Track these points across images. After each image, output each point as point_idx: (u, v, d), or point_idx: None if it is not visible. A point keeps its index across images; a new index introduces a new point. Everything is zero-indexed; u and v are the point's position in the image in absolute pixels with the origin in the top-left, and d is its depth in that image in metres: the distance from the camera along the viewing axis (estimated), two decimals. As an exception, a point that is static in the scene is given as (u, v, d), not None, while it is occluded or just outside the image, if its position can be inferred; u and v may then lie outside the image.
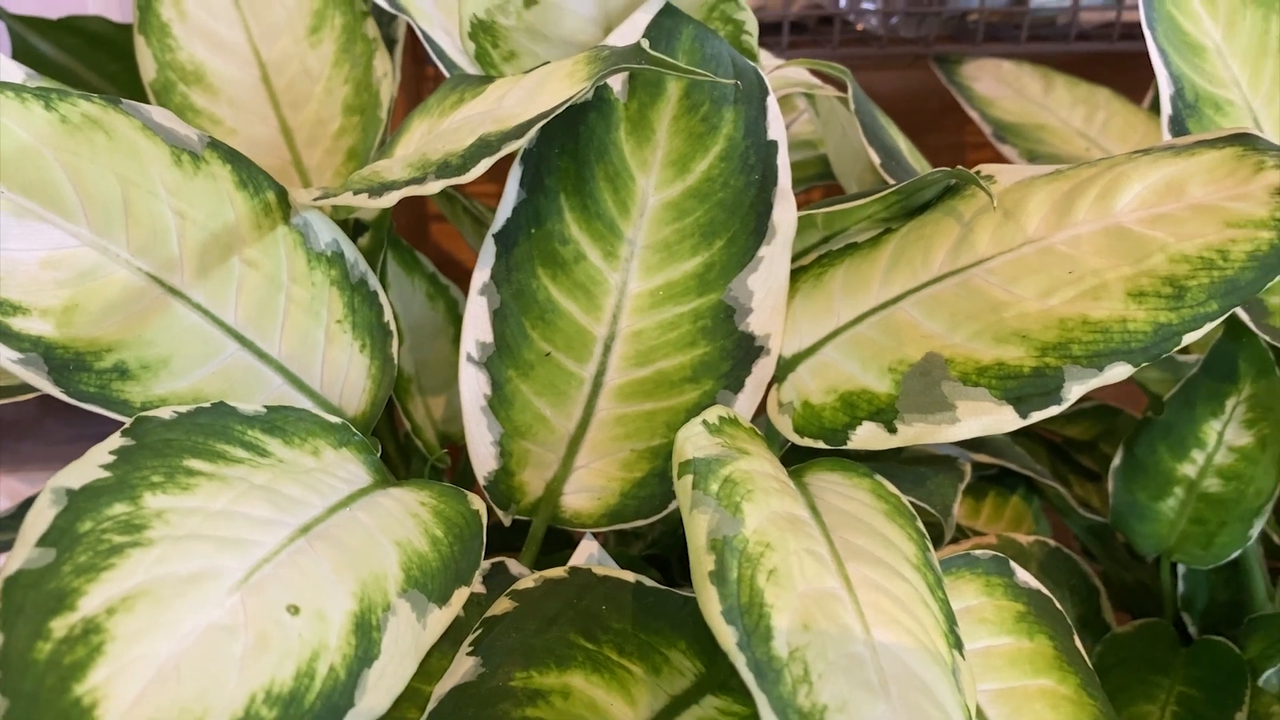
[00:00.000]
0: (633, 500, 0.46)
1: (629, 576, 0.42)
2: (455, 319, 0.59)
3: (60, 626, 0.26)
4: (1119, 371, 0.37)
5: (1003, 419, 0.38)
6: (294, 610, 0.30)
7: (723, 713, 0.39)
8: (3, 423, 1.06)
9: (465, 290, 0.58)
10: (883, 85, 0.88)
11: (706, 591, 0.32)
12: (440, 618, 0.35)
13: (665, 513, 0.46)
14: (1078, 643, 0.42)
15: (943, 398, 0.39)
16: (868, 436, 0.40)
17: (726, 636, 0.31)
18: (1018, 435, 0.66)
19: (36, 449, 0.97)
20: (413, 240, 0.74)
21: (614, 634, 0.39)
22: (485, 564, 0.44)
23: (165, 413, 0.34)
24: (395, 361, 0.45)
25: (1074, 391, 0.37)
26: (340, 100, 0.53)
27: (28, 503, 0.59)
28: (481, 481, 0.45)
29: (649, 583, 0.42)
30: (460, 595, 0.36)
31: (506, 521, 0.46)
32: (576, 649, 0.37)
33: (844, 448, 0.41)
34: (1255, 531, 0.55)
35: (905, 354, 0.41)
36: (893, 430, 0.40)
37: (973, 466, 0.61)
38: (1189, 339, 0.37)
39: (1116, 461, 0.57)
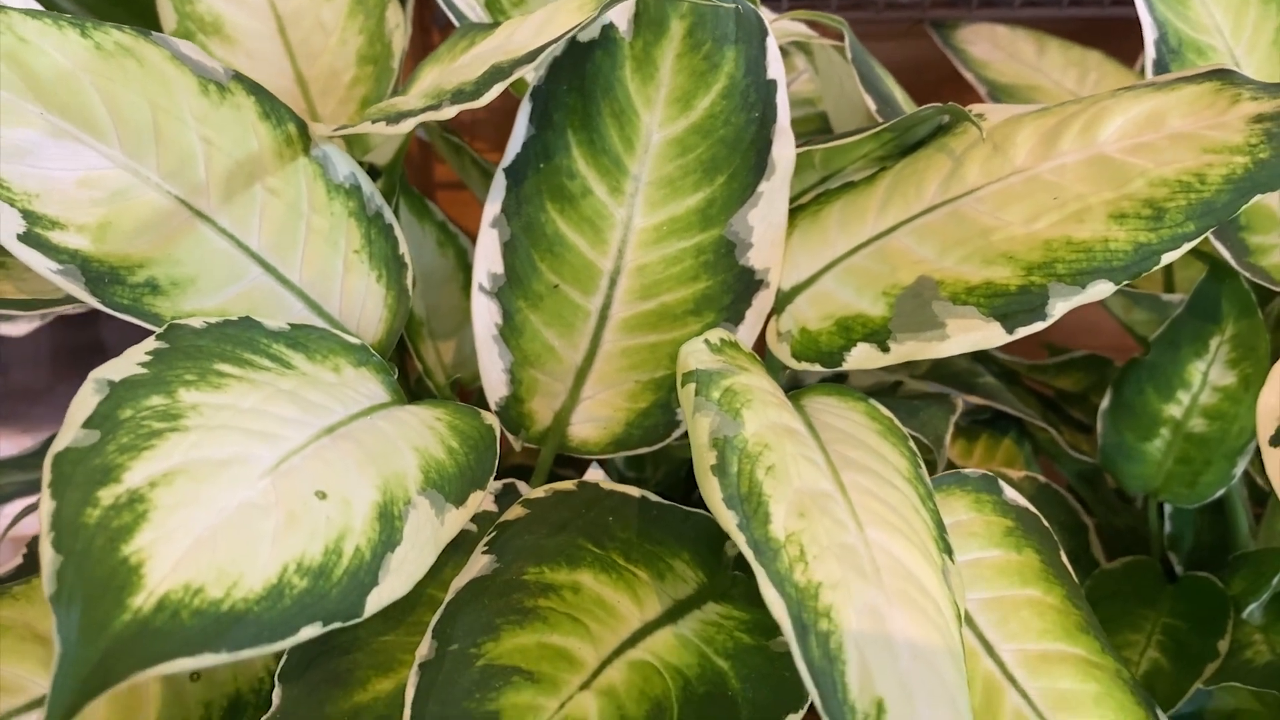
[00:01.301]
0: (637, 430, 0.48)
1: (634, 491, 0.43)
2: (465, 267, 0.61)
3: (107, 496, 0.28)
4: (1101, 289, 0.39)
5: (990, 334, 0.39)
6: (321, 495, 0.32)
7: (724, 617, 0.41)
8: (15, 388, 1.08)
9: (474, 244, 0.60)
10: (880, 56, 0.90)
11: (709, 482, 0.34)
12: (457, 517, 0.37)
13: (668, 441, 0.48)
14: (1064, 558, 0.44)
15: (933, 316, 0.41)
16: (862, 356, 0.42)
17: (728, 520, 0.32)
18: (1010, 387, 0.68)
19: (48, 413, 0.99)
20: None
21: (620, 542, 0.41)
22: (496, 484, 0.46)
23: (196, 322, 0.36)
24: (410, 293, 0.47)
25: (1058, 308, 0.39)
26: (354, 51, 0.55)
27: (48, 440, 0.61)
28: (493, 407, 0.47)
29: (654, 498, 0.44)
30: (475, 498, 0.38)
31: (517, 447, 0.48)
32: (585, 551, 0.39)
33: (839, 369, 0.43)
34: (1239, 470, 0.57)
35: (898, 279, 0.42)
36: (885, 349, 0.42)
37: (966, 412, 0.63)
38: (1168, 258, 0.39)
39: (1105, 403, 0.59)
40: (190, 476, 0.30)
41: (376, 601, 0.32)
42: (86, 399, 0.31)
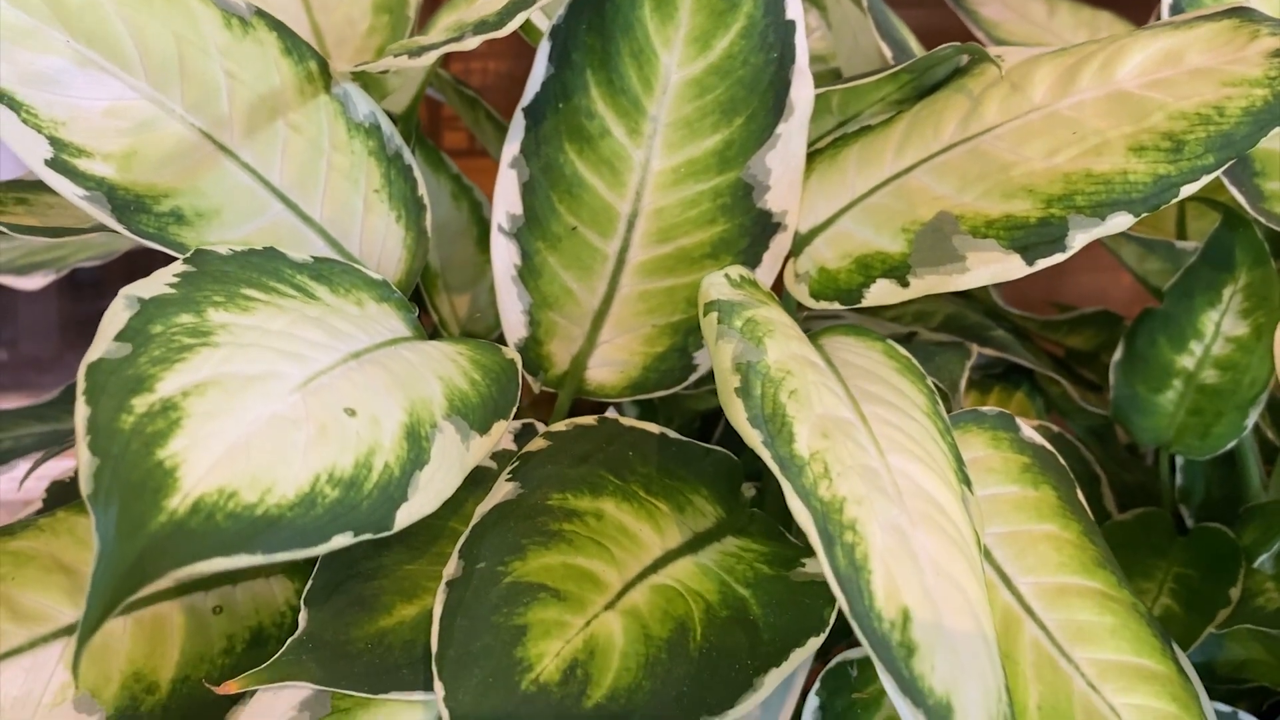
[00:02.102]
0: (654, 373, 0.49)
1: (654, 428, 0.44)
2: (479, 220, 0.61)
3: (141, 404, 0.29)
4: (1120, 221, 0.39)
5: (1010, 266, 0.40)
6: (351, 412, 0.32)
7: (743, 550, 0.41)
8: (25, 358, 1.08)
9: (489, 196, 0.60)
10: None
11: (734, 404, 0.34)
12: (481, 444, 0.37)
13: (685, 384, 0.49)
14: (1080, 496, 0.45)
15: (953, 250, 0.41)
16: (881, 293, 0.43)
17: (754, 437, 0.33)
18: (1022, 344, 0.68)
19: (57, 381, 0.99)
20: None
21: (641, 476, 0.41)
22: (515, 424, 0.46)
23: (222, 249, 0.37)
24: (428, 235, 0.47)
25: (1078, 240, 0.39)
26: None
27: (70, 388, 0.62)
28: (512, 349, 0.48)
29: (673, 434, 0.44)
30: (499, 427, 0.39)
31: (535, 389, 0.49)
32: (607, 481, 0.39)
33: (858, 306, 0.43)
34: (1250, 421, 0.57)
35: (917, 215, 0.43)
36: (905, 284, 0.42)
37: (979, 366, 0.63)
38: (1187, 190, 0.39)
39: (1117, 355, 0.59)
40: (222, 388, 0.30)
41: (406, 516, 0.32)
42: (118, 314, 0.31)
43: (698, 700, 0.33)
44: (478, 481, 0.41)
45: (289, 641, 0.35)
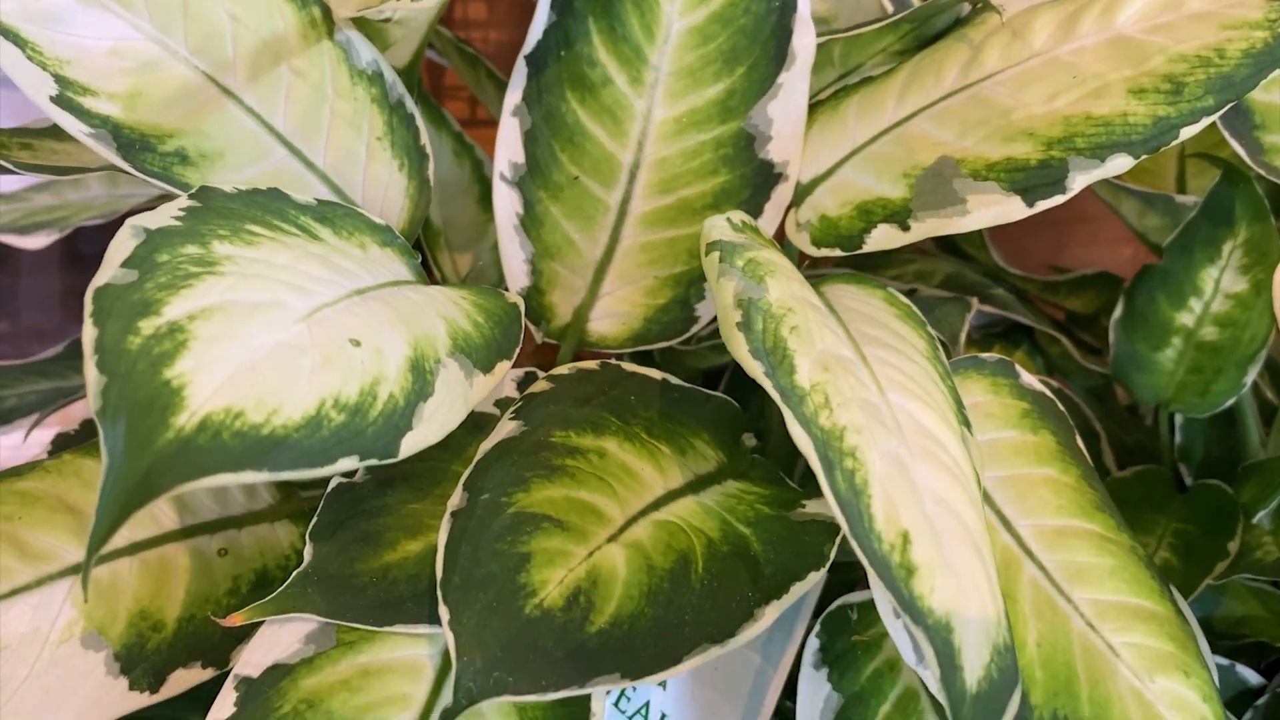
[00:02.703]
0: (655, 325, 0.49)
1: (656, 374, 0.44)
2: (480, 179, 0.61)
3: (148, 326, 0.29)
4: (1120, 163, 0.39)
5: (1011, 208, 0.40)
6: (355, 343, 0.32)
7: (744, 492, 0.41)
8: (27, 329, 1.08)
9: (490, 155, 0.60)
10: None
11: (735, 337, 0.34)
12: (485, 382, 0.38)
13: (686, 335, 0.49)
14: (1079, 442, 0.45)
15: (954, 193, 0.41)
16: (882, 237, 0.43)
17: (755, 368, 0.33)
18: (1023, 306, 0.68)
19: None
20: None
21: (643, 419, 0.41)
22: (518, 371, 0.46)
23: (227, 187, 0.37)
24: (431, 184, 0.47)
25: (1078, 181, 0.39)
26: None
27: (73, 344, 0.62)
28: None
29: (674, 380, 0.44)
30: (502, 367, 0.39)
31: (538, 338, 0.49)
32: (609, 422, 0.40)
33: (859, 252, 0.43)
34: (1250, 378, 0.58)
35: (918, 161, 0.43)
36: (906, 228, 0.42)
37: (979, 325, 0.64)
38: (1187, 132, 0.39)
39: (1117, 313, 0.59)
40: (227, 314, 0.30)
41: (410, 445, 0.32)
42: (124, 242, 0.31)
43: (700, 629, 0.34)
44: (481, 427, 0.41)
45: (294, 574, 0.36)
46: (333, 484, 0.39)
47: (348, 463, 0.30)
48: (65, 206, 0.65)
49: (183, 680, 0.39)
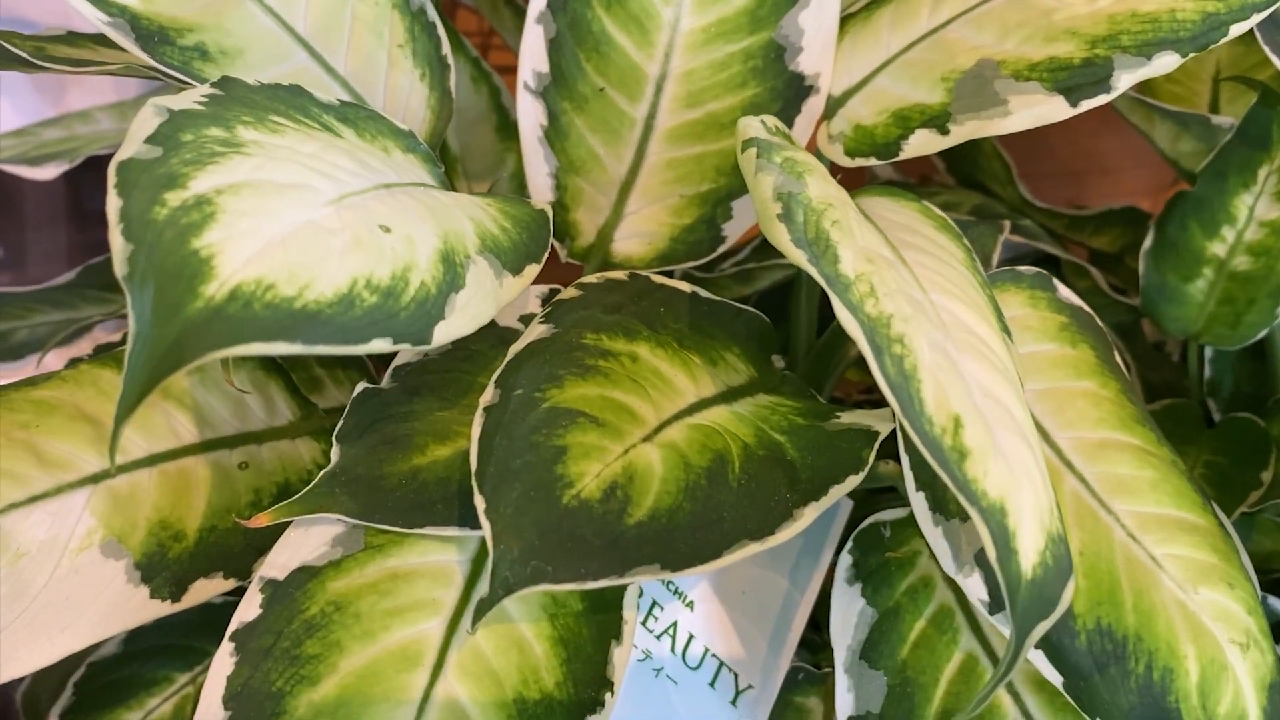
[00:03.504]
0: (681, 245, 0.48)
1: (685, 286, 0.43)
2: (498, 107, 0.60)
3: (174, 199, 0.28)
4: (1167, 61, 0.38)
5: (1054, 109, 0.39)
6: (385, 229, 0.31)
7: (777, 404, 0.41)
8: (33, 283, 1.07)
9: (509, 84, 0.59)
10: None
11: (776, 228, 0.33)
12: (514, 283, 0.37)
13: (713, 256, 0.48)
14: (1118, 357, 0.44)
15: (995, 94, 0.40)
16: (920, 143, 0.42)
17: (799, 256, 0.32)
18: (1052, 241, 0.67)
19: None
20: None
21: (673, 331, 0.40)
22: (543, 288, 0.45)
23: (249, 79, 0.36)
24: (453, 96, 0.46)
25: (1123, 80, 0.38)
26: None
27: (85, 270, 0.61)
28: (539, 212, 0.47)
29: (704, 294, 0.43)
30: (530, 270, 0.38)
31: (562, 256, 0.48)
32: (641, 330, 0.39)
33: (896, 159, 0.42)
34: (1282, 309, 0.57)
35: (957, 64, 0.42)
36: (945, 132, 0.41)
37: (1005, 260, 0.62)
38: (1236, 30, 0.38)
39: (1147, 243, 0.58)
40: (256, 191, 0.29)
41: (443, 333, 0.31)
42: (148, 119, 0.30)
43: (739, 525, 0.33)
44: (506, 341, 0.40)
45: (321, 474, 0.35)
46: (358, 389, 0.38)
47: (381, 344, 0.29)
48: (74, 139, 0.64)
49: (204, 590, 0.38)
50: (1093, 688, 0.36)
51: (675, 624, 0.44)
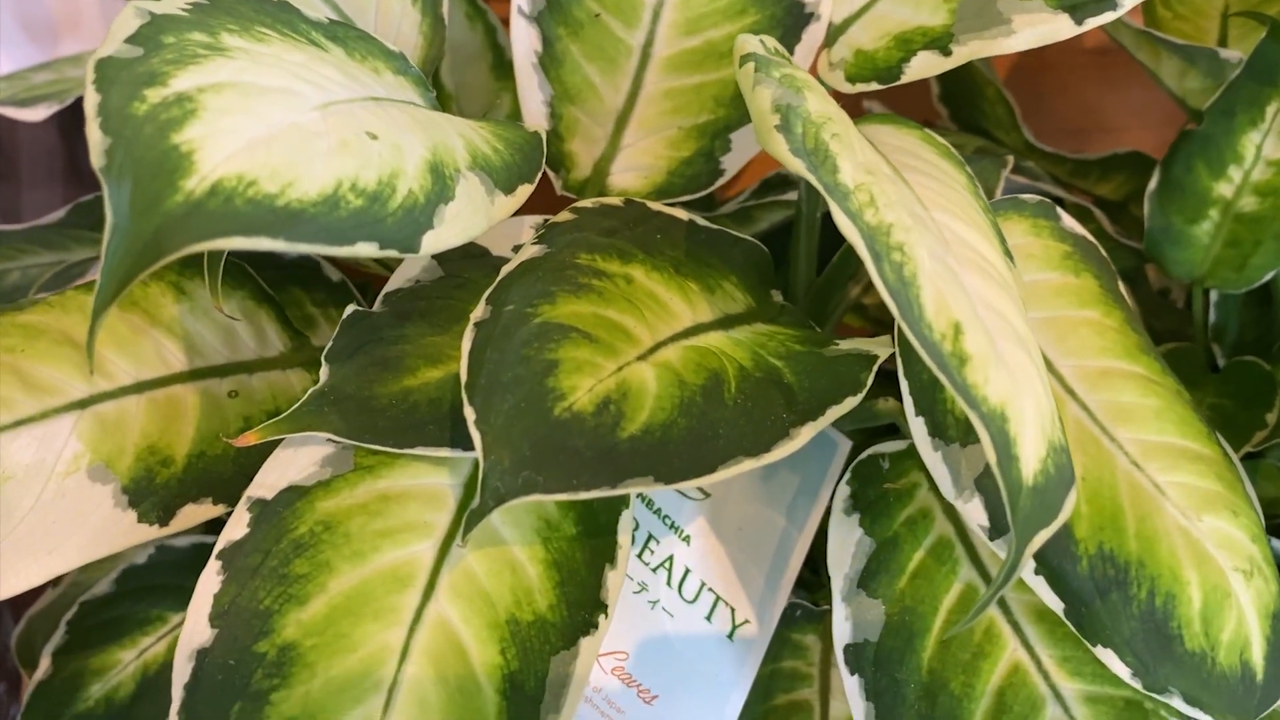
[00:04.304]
0: (679, 178, 0.47)
1: (682, 214, 0.42)
2: (493, 45, 0.59)
3: (154, 95, 0.27)
4: (1175, -23, 0.37)
5: (1058, 27, 0.38)
6: (372, 136, 0.31)
7: (775, 333, 0.40)
8: (30, 208, 1.07)
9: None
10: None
11: (774, 139, 0.32)
12: (506, 203, 0.36)
13: (710, 190, 0.47)
14: (1122, 288, 0.43)
15: (998, 14, 0.39)
16: (922, 65, 0.41)
17: (797, 165, 0.31)
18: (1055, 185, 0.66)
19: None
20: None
21: (669, 257, 0.40)
22: (536, 218, 0.44)
23: (234, -9, 0.35)
24: (445, 24, 0.45)
25: (1129, -4, 0.37)
26: None
27: (78, 206, 0.60)
28: (533, 142, 0.46)
29: (701, 221, 0.42)
30: (523, 190, 0.37)
31: (557, 188, 0.47)
32: (636, 253, 0.38)
33: (897, 83, 0.41)
34: (1289, 251, 0.56)
35: (959, -14, 0.41)
36: (947, 53, 0.40)
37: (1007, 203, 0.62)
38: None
39: (1152, 185, 0.57)
40: (239, 91, 0.29)
41: (431, 243, 0.31)
42: (128, 20, 0.29)
43: (735, 442, 0.32)
44: (498, 270, 0.40)
45: (309, 392, 0.34)
46: (348, 311, 0.37)
47: (368, 248, 0.28)
48: (64, 81, 0.63)
49: (193, 515, 0.38)
50: (1094, 614, 0.36)
51: (671, 558, 0.43)
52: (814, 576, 0.53)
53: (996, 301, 0.32)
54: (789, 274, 0.51)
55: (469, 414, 0.30)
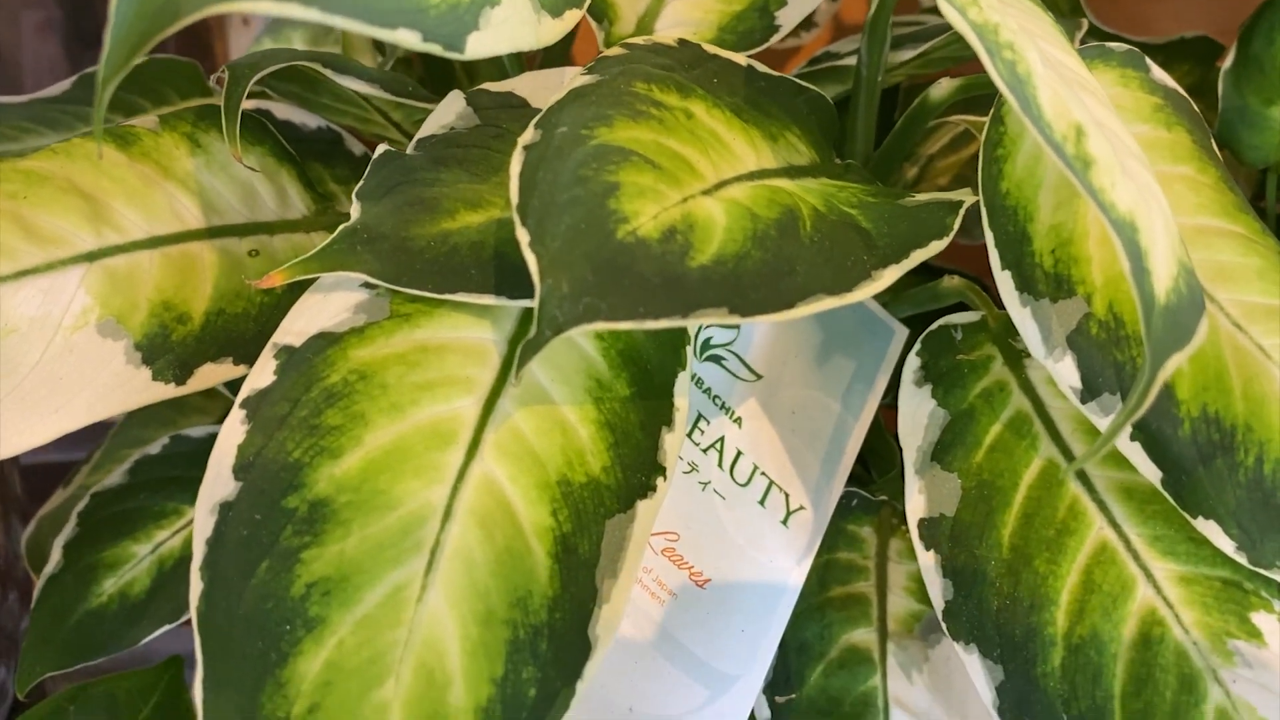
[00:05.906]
0: (731, 34, 0.43)
1: (740, 58, 0.39)
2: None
3: None
4: None
5: None
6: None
7: (844, 185, 0.37)
8: (28, 78, 1.05)
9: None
10: None
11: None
12: (553, 25, 0.32)
13: (765, 47, 0.43)
14: (1215, 145, 0.40)
15: None
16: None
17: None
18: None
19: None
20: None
21: (728, 102, 0.36)
22: (576, 70, 0.41)
23: None
24: None
25: None
26: None
27: (84, 78, 0.57)
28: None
29: (761, 67, 0.39)
30: (571, 15, 0.34)
31: (600, 41, 0.43)
32: (695, 89, 0.35)
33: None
34: (1376, 131, 0.52)
35: None
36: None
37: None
38: None
39: (1228, 62, 0.53)
40: None
41: (476, 46, 0.27)
42: None
43: (813, 279, 0.29)
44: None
45: (340, 229, 0.31)
46: (380, 149, 0.34)
47: (409, 35, 0.25)
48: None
49: (212, 374, 0.35)
50: (1195, 483, 0.33)
51: (722, 439, 0.40)
52: (865, 472, 0.50)
53: (1109, 122, 0.28)
54: (846, 145, 0.48)
55: (522, 235, 0.27)
